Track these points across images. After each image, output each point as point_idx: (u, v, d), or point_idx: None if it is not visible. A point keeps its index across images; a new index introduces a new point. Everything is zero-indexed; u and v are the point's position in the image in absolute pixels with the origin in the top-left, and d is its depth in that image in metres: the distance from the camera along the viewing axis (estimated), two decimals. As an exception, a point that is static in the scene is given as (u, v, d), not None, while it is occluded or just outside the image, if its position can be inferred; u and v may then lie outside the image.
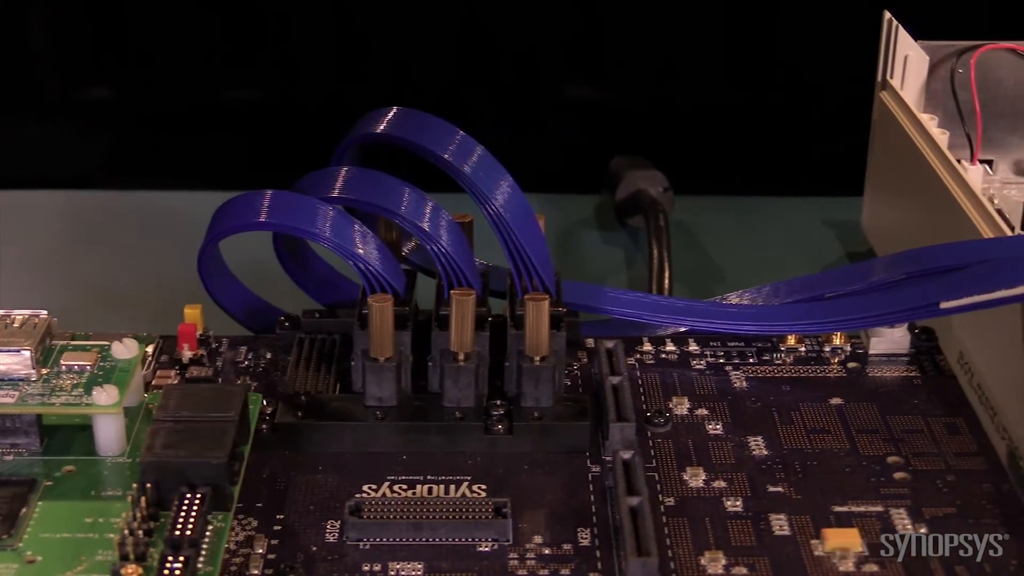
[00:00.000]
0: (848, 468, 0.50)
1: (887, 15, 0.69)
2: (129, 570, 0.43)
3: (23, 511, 0.47)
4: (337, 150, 0.56)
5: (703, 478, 0.50)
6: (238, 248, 0.57)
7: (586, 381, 0.55)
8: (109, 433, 0.50)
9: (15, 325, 0.52)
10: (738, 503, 0.49)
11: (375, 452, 0.51)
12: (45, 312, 0.53)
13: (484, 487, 0.49)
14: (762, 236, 0.77)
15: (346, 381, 0.54)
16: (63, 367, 0.51)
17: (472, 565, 0.46)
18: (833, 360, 0.56)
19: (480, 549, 0.46)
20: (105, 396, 0.49)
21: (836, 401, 0.54)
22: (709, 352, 0.57)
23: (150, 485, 0.46)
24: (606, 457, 0.50)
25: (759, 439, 0.52)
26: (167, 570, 0.43)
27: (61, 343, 0.52)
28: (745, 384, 0.55)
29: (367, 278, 0.53)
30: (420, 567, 0.45)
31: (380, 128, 0.55)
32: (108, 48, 0.84)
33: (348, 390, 0.53)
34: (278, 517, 0.48)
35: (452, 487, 0.49)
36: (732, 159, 0.83)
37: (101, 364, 0.51)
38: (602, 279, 0.69)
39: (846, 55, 0.79)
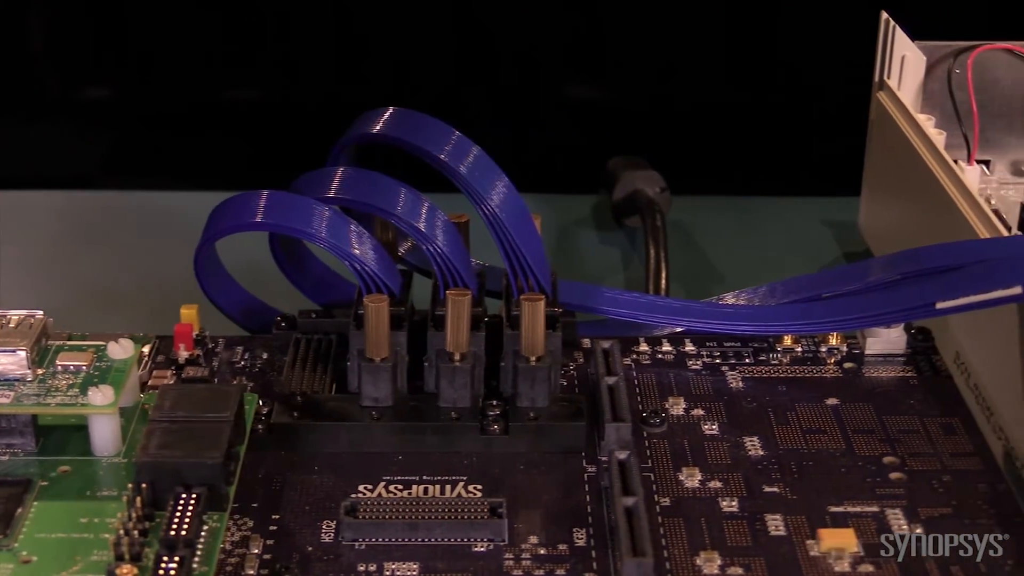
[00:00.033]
0: (844, 468, 0.50)
1: (884, 15, 0.69)
2: (124, 570, 0.43)
3: (19, 511, 0.47)
4: (333, 150, 0.56)
5: (699, 478, 0.50)
6: (234, 248, 0.57)
7: (582, 381, 0.55)
8: (105, 433, 0.50)
9: (11, 325, 0.52)
10: (734, 503, 0.48)
11: (371, 452, 0.51)
12: (41, 312, 0.53)
13: (480, 487, 0.49)
14: (759, 236, 0.77)
15: (342, 381, 0.53)
16: (59, 367, 0.51)
17: (467, 565, 0.46)
18: (829, 360, 0.56)
19: (476, 549, 0.46)
20: (100, 396, 0.49)
21: (832, 401, 0.54)
22: (705, 352, 0.57)
23: (145, 485, 0.46)
24: (602, 457, 0.50)
25: (755, 439, 0.52)
26: (162, 570, 0.43)
27: (57, 343, 0.52)
28: (741, 384, 0.55)
29: (363, 278, 0.53)
30: (415, 567, 0.45)
31: (376, 128, 0.55)
32: (108, 48, 0.84)
33: (344, 390, 0.53)
34: (274, 517, 0.48)
35: (448, 487, 0.49)
36: (729, 159, 0.83)
37: (97, 364, 0.51)
38: (599, 279, 0.69)
39: (842, 55, 0.79)
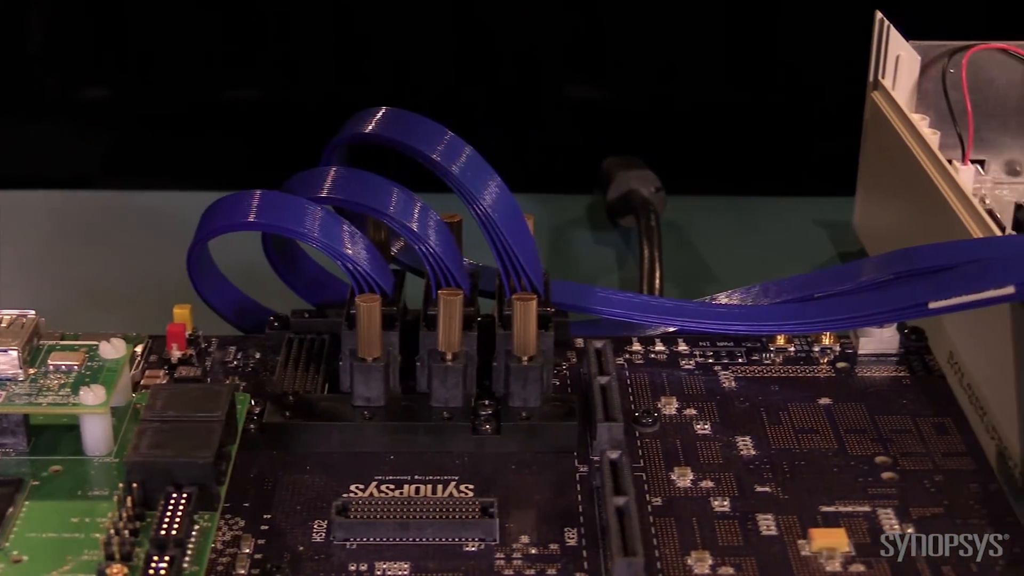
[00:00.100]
0: (836, 468, 0.50)
1: (879, 15, 0.69)
2: (114, 570, 0.43)
3: (9, 511, 0.47)
4: (326, 150, 0.56)
5: (691, 478, 0.50)
6: (228, 248, 0.57)
7: (575, 381, 0.55)
8: (96, 433, 0.50)
9: (3, 325, 0.52)
10: (725, 503, 0.48)
11: (363, 452, 0.51)
12: (33, 312, 0.53)
13: (471, 487, 0.49)
14: (754, 236, 0.77)
15: (335, 381, 0.53)
16: (50, 367, 0.51)
17: (459, 565, 0.45)
18: (822, 360, 0.56)
19: (467, 549, 0.46)
20: (92, 396, 0.49)
21: (825, 401, 0.54)
22: (698, 352, 0.57)
23: (136, 485, 0.46)
24: (594, 457, 0.50)
25: (747, 439, 0.52)
26: (152, 570, 0.43)
27: (49, 343, 0.52)
28: (734, 384, 0.55)
29: (355, 278, 0.53)
30: (406, 567, 0.45)
31: (369, 128, 0.55)
32: (107, 48, 0.84)
33: (337, 390, 0.53)
34: (265, 517, 0.48)
35: (439, 487, 0.49)
36: (725, 159, 0.83)
37: (88, 364, 0.51)
38: (594, 279, 0.69)
39: (839, 55, 0.79)
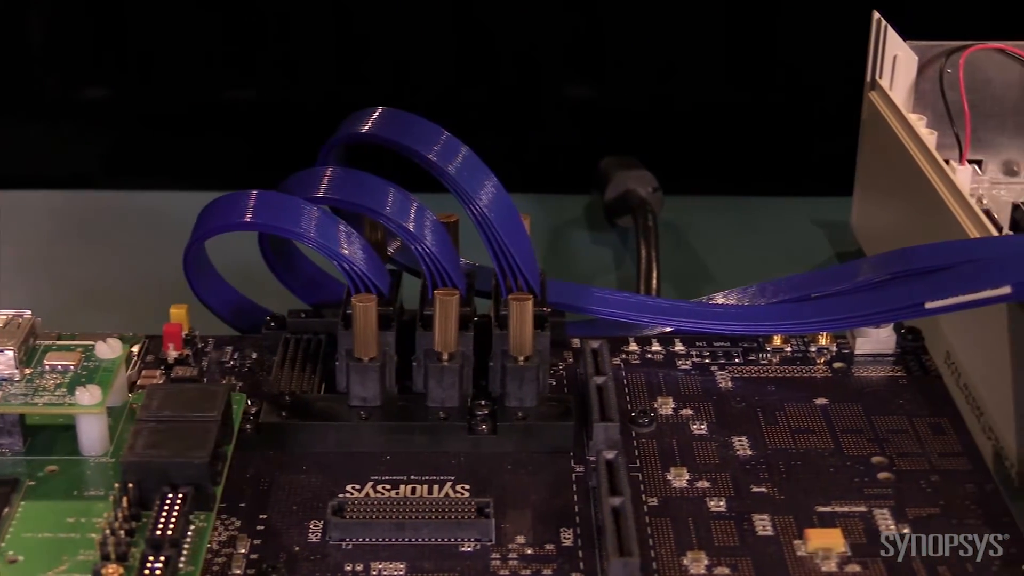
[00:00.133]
0: (832, 468, 0.50)
1: (876, 15, 0.69)
2: (110, 570, 0.43)
3: (5, 511, 0.47)
4: (322, 150, 0.56)
5: (687, 478, 0.50)
6: (224, 248, 0.57)
7: (572, 381, 0.55)
8: (92, 433, 0.50)
9: (-1, 325, 0.52)
10: (721, 503, 0.48)
11: (359, 452, 0.51)
12: (29, 312, 0.53)
13: (467, 487, 0.49)
14: (752, 236, 0.77)
15: (331, 381, 0.53)
16: (46, 367, 0.51)
17: (454, 565, 0.45)
18: (819, 360, 0.56)
19: (463, 549, 0.46)
20: (88, 396, 0.49)
21: (821, 401, 0.54)
22: (695, 352, 0.57)
23: (132, 485, 0.46)
24: (590, 457, 0.50)
25: (743, 439, 0.52)
26: (148, 570, 0.43)
27: (45, 343, 0.52)
28: (730, 384, 0.55)
29: (352, 278, 0.53)
30: (402, 567, 0.45)
31: (365, 128, 0.55)
32: (107, 48, 0.84)
33: (333, 390, 0.53)
34: (261, 517, 0.48)
35: (436, 487, 0.49)
36: (722, 159, 0.83)
37: (84, 364, 0.51)
38: (591, 279, 0.69)
39: (837, 55, 0.79)
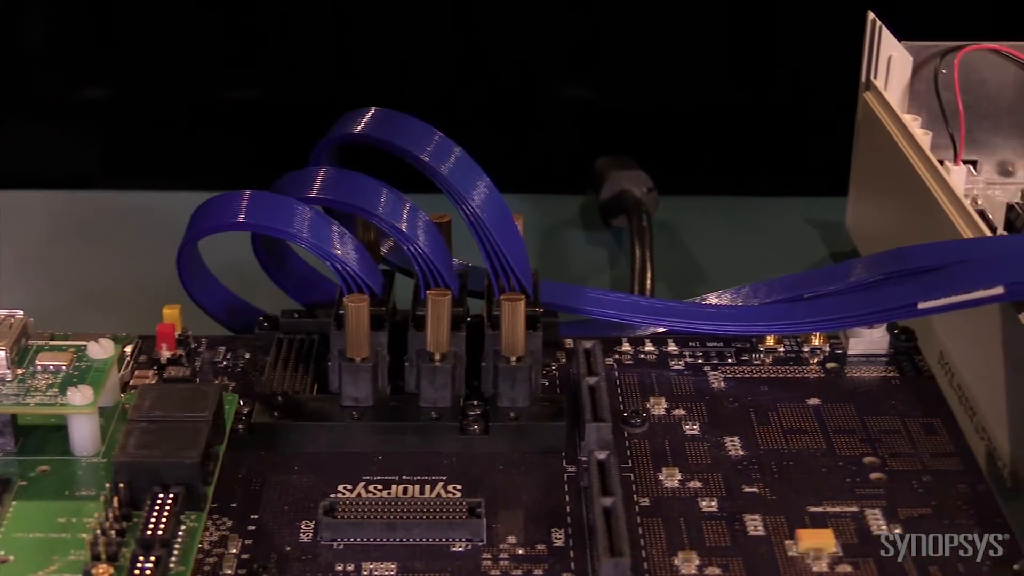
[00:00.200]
0: (824, 468, 0.50)
1: (871, 15, 0.69)
2: (100, 570, 0.43)
3: (-4, 511, 0.47)
4: (314, 150, 0.56)
5: (679, 478, 0.50)
6: (217, 248, 0.57)
7: (564, 381, 0.55)
8: (84, 433, 0.50)
9: (-9, 325, 0.52)
10: (713, 503, 0.48)
11: (351, 452, 0.51)
12: (21, 312, 0.53)
13: (459, 487, 0.49)
14: (747, 236, 0.77)
15: (324, 381, 0.53)
16: (38, 367, 0.51)
17: (445, 565, 0.45)
18: (812, 360, 0.56)
19: (454, 549, 0.46)
20: (80, 396, 0.49)
21: (814, 401, 0.54)
22: (688, 352, 0.57)
23: (123, 485, 0.46)
24: (582, 457, 0.50)
25: (736, 439, 0.52)
26: (138, 570, 0.43)
27: (37, 343, 0.52)
28: (723, 384, 0.55)
29: (344, 278, 0.53)
30: (393, 567, 0.45)
31: (357, 128, 0.55)
32: (107, 48, 0.84)
33: (326, 390, 0.53)
34: (252, 517, 0.48)
35: (427, 487, 0.49)
36: (717, 159, 0.83)
37: (76, 364, 0.51)
38: (585, 279, 0.69)
39: (834, 56, 0.79)
